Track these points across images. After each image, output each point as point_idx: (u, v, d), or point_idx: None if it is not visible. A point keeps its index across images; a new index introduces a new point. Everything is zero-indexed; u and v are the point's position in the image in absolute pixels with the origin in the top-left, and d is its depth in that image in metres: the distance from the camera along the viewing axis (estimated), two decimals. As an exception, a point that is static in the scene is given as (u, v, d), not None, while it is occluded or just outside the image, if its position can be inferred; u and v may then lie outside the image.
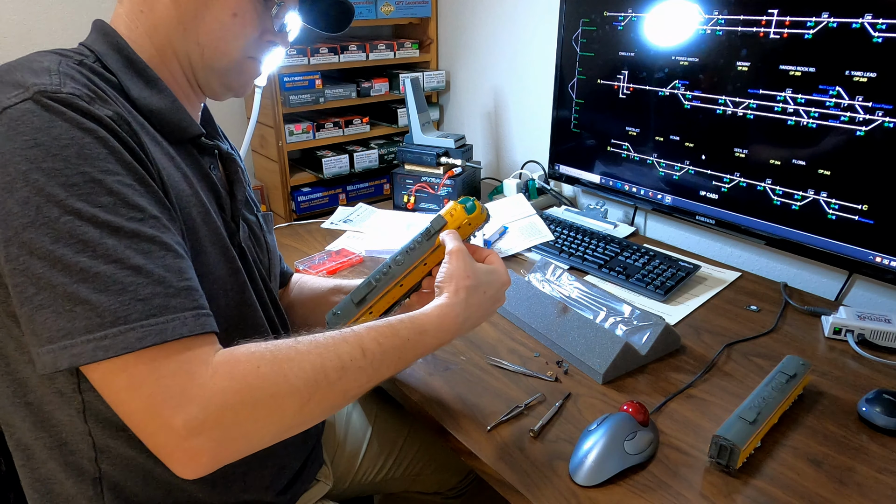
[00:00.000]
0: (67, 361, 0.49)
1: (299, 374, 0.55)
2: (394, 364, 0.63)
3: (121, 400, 0.51)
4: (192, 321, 0.53)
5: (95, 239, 0.50)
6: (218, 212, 0.68)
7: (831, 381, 0.87)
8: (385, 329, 0.63)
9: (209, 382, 0.51)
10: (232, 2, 0.64)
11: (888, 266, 0.97)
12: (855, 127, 0.95)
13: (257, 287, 0.73)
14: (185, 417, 0.50)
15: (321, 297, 0.90)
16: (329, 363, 0.57)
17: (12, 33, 1.34)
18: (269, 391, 0.53)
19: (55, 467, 0.61)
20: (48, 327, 0.49)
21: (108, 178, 0.52)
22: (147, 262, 0.52)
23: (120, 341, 0.49)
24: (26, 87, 0.52)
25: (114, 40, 0.63)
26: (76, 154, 0.51)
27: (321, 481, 0.88)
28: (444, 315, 0.67)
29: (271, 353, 0.55)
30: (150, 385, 0.50)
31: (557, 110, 1.42)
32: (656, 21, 1.17)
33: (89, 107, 0.53)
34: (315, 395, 0.56)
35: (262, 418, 0.53)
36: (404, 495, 1.09)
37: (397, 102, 1.73)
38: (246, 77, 0.71)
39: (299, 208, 1.57)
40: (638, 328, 0.92)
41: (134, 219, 0.53)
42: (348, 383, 0.58)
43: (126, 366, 0.50)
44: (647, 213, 1.43)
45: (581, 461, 0.70)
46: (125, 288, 0.50)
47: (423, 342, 0.65)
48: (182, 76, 0.68)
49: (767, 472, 0.71)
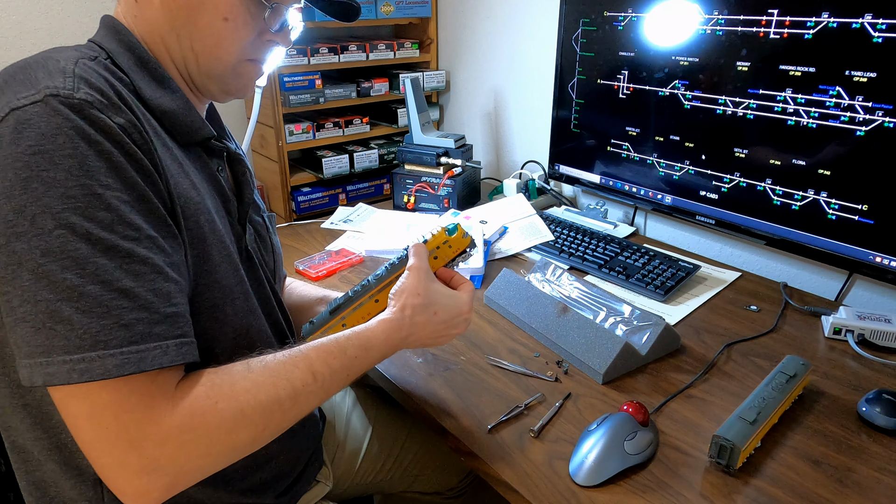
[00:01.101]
0: (41, 379, 0.48)
1: (255, 407, 0.55)
2: (342, 381, 0.64)
3: (78, 426, 0.50)
4: (174, 350, 0.52)
5: (86, 256, 0.49)
6: (225, 216, 0.67)
7: (831, 381, 0.87)
8: (333, 348, 0.63)
9: (168, 419, 0.51)
10: (223, 6, 0.62)
11: (888, 266, 0.97)
12: (855, 127, 0.95)
13: (263, 292, 0.73)
14: (139, 456, 0.49)
15: (307, 305, 0.90)
16: (283, 392, 0.57)
17: (12, 33, 1.34)
18: (226, 427, 0.53)
19: (54, 468, 0.60)
20: (27, 342, 0.49)
21: (108, 194, 0.51)
22: (136, 285, 0.51)
23: (97, 366, 0.48)
24: (38, 89, 0.51)
25: (125, 38, 0.62)
26: (78, 166, 0.50)
27: (321, 482, 0.88)
28: (388, 330, 0.68)
29: (229, 385, 0.55)
30: (109, 418, 0.49)
31: (557, 110, 1.42)
32: (656, 21, 1.17)
33: (101, 115, 0.52)
34: (269, 424, 0.57)
35: (214, 453, 0.54)
36: (404, 495, 1.09)
37: (397, 102, 1.73)
38: (245, 80, 0.69)
39: (299, 208, 1.57)
40: (638, 328, 0.92)
41: (129, 237, 0.51)
42: (300, 408, 0.60)
43: (90, 392, 0.49)
44: (647, 213, 1.43)
45: (581, 461, 0.70)
46: (109, 311, 0.49)
47: (369, 357, 0.66)
48: (181, 80, 0.67)
49: (767, 472, 0.71)
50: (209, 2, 0.62)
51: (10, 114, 0.50)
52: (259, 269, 0.72)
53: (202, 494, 0.67)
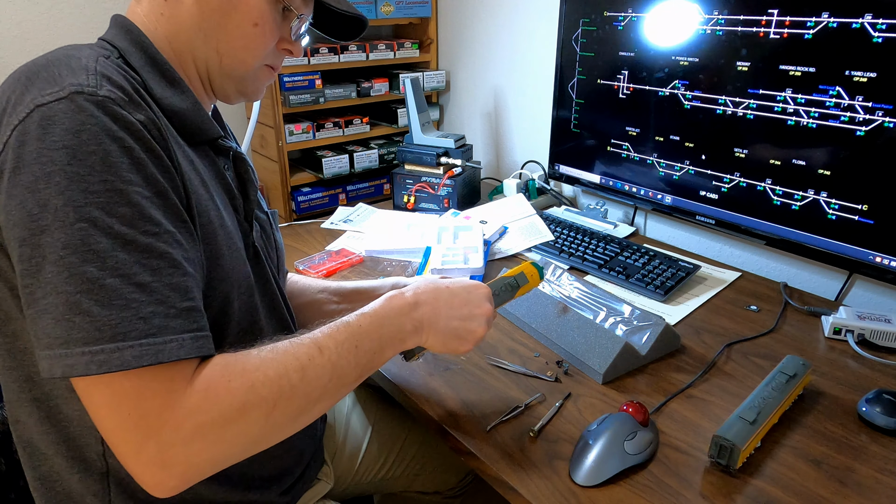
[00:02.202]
0: (61, 371, 0.49)
1: (265, 382, 0.55)
2: (352, 356, 0.62)
3: (99, 415, 0.51)
4: (189, 343, 0.53)
5: (107, 250, 0.50)
6: (232, 213, 0.68)
7: (831, 381, 0.87)
8: (338, 323, 0.64)
9: (185, 403, 0.51)
10: (254, 12, 0.64)
11: (888, 266, 0.97)
12: (855, 127, 0.95)
13: (269, 288, 0.73)
14: (157, 443, 0.50)
15: (309, 295, 0.91)
16: (290, 365, 0.57)
17: (13, 33, 1.34)
18: (238, 405, 0.54)
19: (61, 463, 0.61)
20: (47, 333, 0.49)
21: (130, 189, 0.52)
22: (154, 280, 0.52)
23: (116, 358, 0.49)
24: (62, 86, 0.52)
25: (137, 38, 0.62)
26: (101, 161, 0.51)
27: (322, 480, 0.88)
28: (390, 297, 0.68)
29: (241, 364, 0.56)
30: (130, 405, 0.50)
31: (557, 110, 1.42)
32: (656, 21, 1.17)
33: (123, 112, 0.53)
34: (279, 401, 0.56)
35: (230, 437, 0.54)
36: (404, 495, 1.09)
37: (397, 102, 1.73)
38: (260, 84, 0.72)
39: (299, 208, 1.57)
40: (638, 328, 0.92)
41: (149, 232, 0.52)
42: (309, 384, 0.58)
43: (112, 381, 0.50)
44: (647, 213, 1.43)
45: (581, 461, 0.70)
46: (128, 304, 0.50)
47: (376, 326, 0.65)
48: (197, 79, 0.68)
49: (767, 472, 0.71)
50: (242, 6, 0.64)
51: (35, 110, 0.51)
52: (265, 267, 0.73)
53: (208, 491, 0.67)
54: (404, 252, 1.27)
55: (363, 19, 0.79)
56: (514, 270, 0.81)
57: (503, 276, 0.81)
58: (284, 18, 0.68)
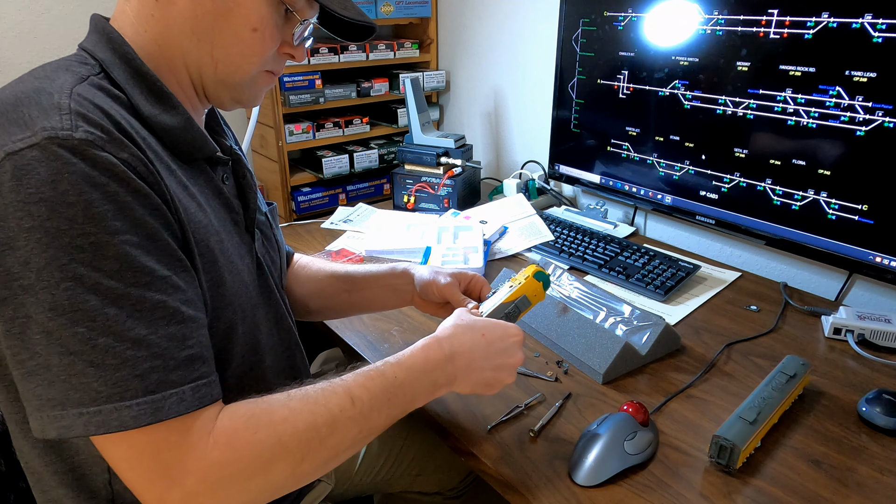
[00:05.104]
0: (56, 432, 0.48)
1: (293, 435, 0.54)
2: (384, 408, 0.60)
3: (121, 467, 0.51)
4: (190, 396, 0.51)
5: (96, 308, 0.47)
6: (233, 229, 0.66)
7: (831, 381, 0.87)
8: (371, 372, 0.61)
9: (209, 454, 0.50)
10: (253, 16, 0.59)
11: (888, 266, 0.97)
12: (855, 127, 0.95)
13: (273, 299, 0.72)
14: (181, 492, 0.49)
15: (320, 279, 0.90)
16: (320, 419, 0.56)
17: (13, 33, 1.34)
18: (265, 458, 0.53)
19: (66, 493, 0.60)
20: (38, 395, 0.48)
21: (116, 239, 0.48)
22: (149, 333, 0.50)
23: (114, 418, 0.48)
24: (34, 131, 0.47)
25: (120, 48, 0.58)
26: (83, 213, 0.47)
27: (323, 481, 0.88)
28: (426, 347, 0.65)
29: (268, 415, 0.54)
30: (148, 458, 0.49)
31: (557, 110, 1.42)
32: (656, 21, 1.17)
33: (104, 154, 0.49)
34: (307, 455, 0.55)
35: (254, 488, 0.53)
36: (404, 495, 1.09)
37: (397, 102, 1.73)
38: (258, 90, 0.67)
39: (299, 208, 1.57)
40: (638, 328, 0.92)
41: (139, 283, 0.50)
42: (339, 438, 0.57)
43: (126, 436, 0.49)
44: (647, 213, 1.43)
45: (581, 461, 0.70)
46: (124, 362, 0.48)
47: (411, 379, 0.63)
48: (189, 86, 0.64)
49: (767, 472, 0.71)
50: (239, 11, 0.59)
51: (6, 158, 0.47)
52: (269, 278, 0.72)
53: None
54: (404, 252, 1.27)
55: (373, 26, 0.74)
56: (516, 293, 0.75)
57: (504, 301, 0.75)
58: (287, 21, 0.63)
